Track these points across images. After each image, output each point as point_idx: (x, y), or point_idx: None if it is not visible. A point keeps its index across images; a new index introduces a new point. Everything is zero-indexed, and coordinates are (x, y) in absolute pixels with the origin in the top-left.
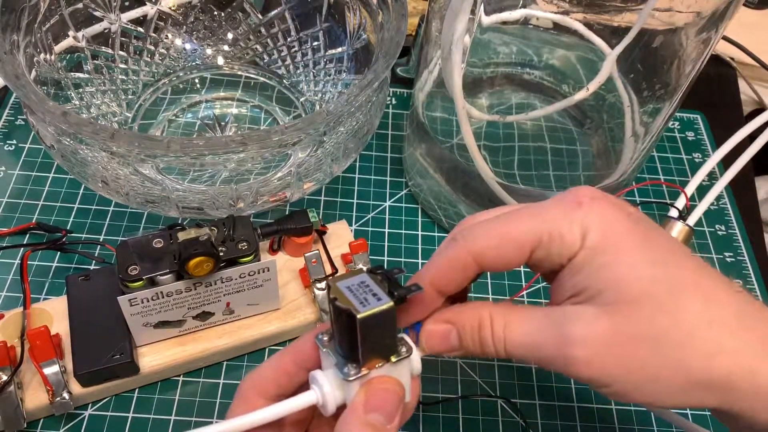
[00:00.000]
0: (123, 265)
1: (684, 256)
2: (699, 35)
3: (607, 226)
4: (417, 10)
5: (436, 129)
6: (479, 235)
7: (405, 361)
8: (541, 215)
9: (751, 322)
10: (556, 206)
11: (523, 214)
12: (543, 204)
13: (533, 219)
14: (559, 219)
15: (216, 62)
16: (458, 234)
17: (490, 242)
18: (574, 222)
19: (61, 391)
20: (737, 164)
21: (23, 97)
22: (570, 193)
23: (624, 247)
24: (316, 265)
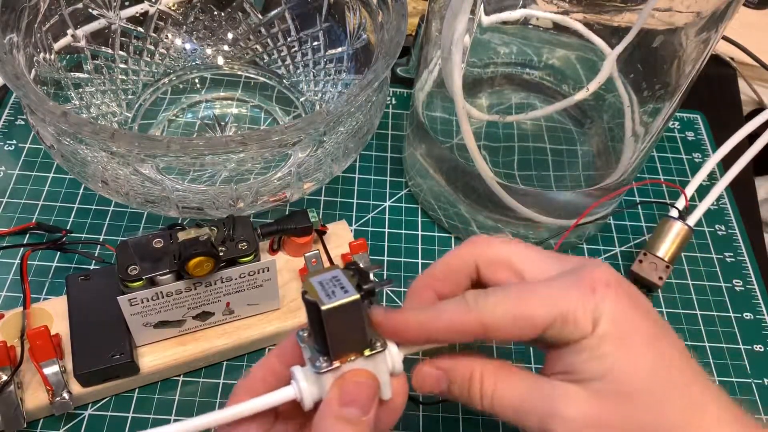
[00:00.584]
0: (123, 265)
1: (683, 359)
2: (699, 35)
3: (619, 316)
4: (417, 10)
5: (436, 129)
6: (494, 310)
7: (380, 356)
8: (557, 297)
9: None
10: (572, 288)
11: (542, 294)
12: (560, 283)
13: (550, 301)
14: (574, 303)
15: (216, 62)
16: (471, 298)
17: (505, 320)
18: (588, 308)
19: (61, 391)
20: (737, 165)
21: (23, 97)
22: (586, 275)
23: (630, 342)
24: (316, 265)
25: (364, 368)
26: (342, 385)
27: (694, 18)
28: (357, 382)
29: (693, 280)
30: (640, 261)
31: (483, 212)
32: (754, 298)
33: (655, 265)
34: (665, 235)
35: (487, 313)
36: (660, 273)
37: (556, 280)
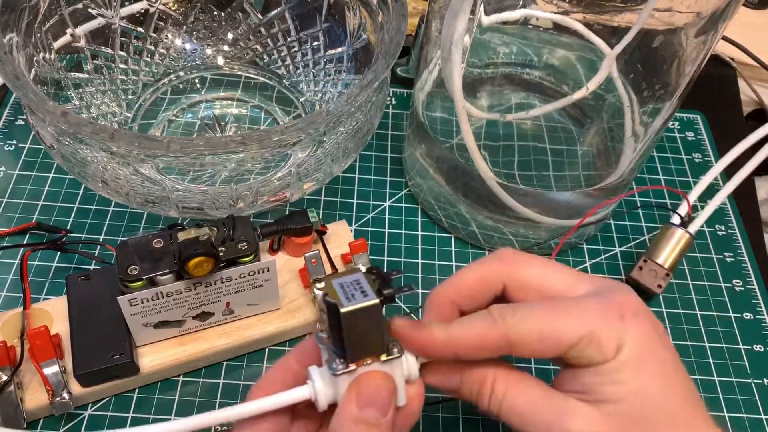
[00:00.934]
0: (123, 265)
1: (689, 390)
2: (699, 35)
3: (642, 345)
4: (417, 10)
5: (436, 129)
6: (520, 326)
7: (396, 362)
8: (586, 318)
9: None
10: (600, 311)
11: (571, 311)
12: (587, 303)
13: (578, 320)
14: (600, 326)
15: (216, 62)
16: (497, 313)
17: (531, 337)
18: (613, 333)
19: (60, 391)
20: (740, 174)
21: (23, 97)
22: (614, 299)
23: (648, 370)
24: (316, 265)
25: None
26: (360, 387)
27: (694, 18)
28: (376, 384)
29: (693, 280)
30: (640, 267)
31: (483, 212)
32: (754, 298)
33: (655, 272)
34: (666, 242)
35: (513, 328)
36: (659, 281)
37: (585, 301)
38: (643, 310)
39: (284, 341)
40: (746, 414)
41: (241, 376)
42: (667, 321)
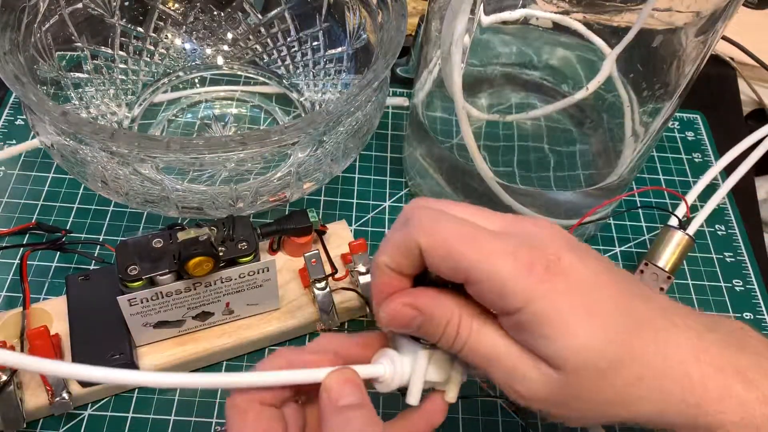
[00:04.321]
0: (123, 265)
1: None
2: (699, 35)
3: (554, 299)
4: (417, 10)
5: (436, 129)
6: (425, 234)
7: None
8: (489, 260)
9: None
10: (508, 260)
11: (475, 246)
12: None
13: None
14: (503, 277)
15: (216, 62)
16: (412, 219)
17: (436, 250)
18: (519, 287)
19: (60, 391)
20: (737, 172)
21: (23, 97)
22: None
23: (567, 321)
24: (316, 265)
25: None
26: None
27: (694, 18)
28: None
29: (693, 280)
30: (642, 271)
31: None
32: (754, 298)
33: (657, 275)
34: (666, 244)
35: (420, 236)
36: (661, 284)
37: (497, 240)
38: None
39: (284, 341)
40: None
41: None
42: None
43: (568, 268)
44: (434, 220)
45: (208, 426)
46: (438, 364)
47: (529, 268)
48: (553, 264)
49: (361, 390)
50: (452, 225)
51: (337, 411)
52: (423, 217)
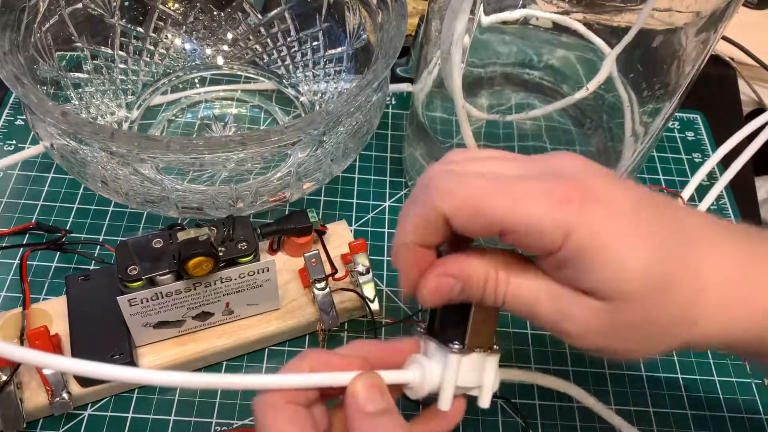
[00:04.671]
0: (122, 265)
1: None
2: (699, 35)
3: (595, 227)
4: (417, 10)
5: (436, 129)
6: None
7: (492, 358)
8: (522, 204)
9: None
10: (541, 198)
11: (503, 194)
12: (528, 186)
13: (513, 205)
14: (540, 216)
15: (216, 62)
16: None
17: (463, 211)
18: (556, 223)
19: (60, 391)
20: (735, 165)
21: (23, 97)
22: (561, 182)
23: (612, 246)
24: (316, 265)
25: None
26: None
27: (694, 18)
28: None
29: None
30: None
31: None
32: None
33: None
34: None
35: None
36: None
37: (524, 182)
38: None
39: (284, 341)
40: (746, 414)
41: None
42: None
43: (604, 195)
44: (453, 182)
45: (208, 426)
46: (469, 369)
47: (565, 202)
48: (589, 194)
49: (387, 395)
50: (474, 181)
51: (364, 417)
52: (440, 182)
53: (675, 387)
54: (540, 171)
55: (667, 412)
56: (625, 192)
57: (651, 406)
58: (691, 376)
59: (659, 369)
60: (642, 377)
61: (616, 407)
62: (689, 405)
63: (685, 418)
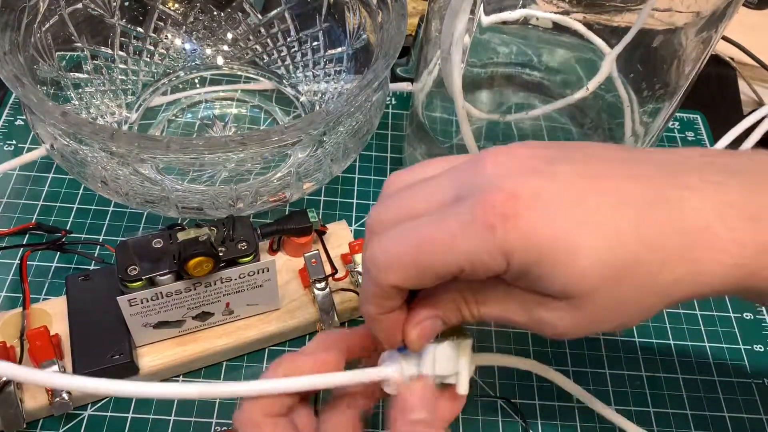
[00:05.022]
0: (122, 265)
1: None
2: (699, 35)
3: (531, 239)
4: (417, 10)
5: (436, 129)
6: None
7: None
8: (457, 247)
9: None
10: (470, 233)
11: (437, 244)
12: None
13: (450, 254)
14: (475, 250)
15: (216, 62)
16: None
17: (408, 277)
18: (493, 251)
19: (60, 391)
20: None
21: (23, 97)
22: (480, 206)
23: (555, 250)
24: (316, 265)
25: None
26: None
27: (694, 18)
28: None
29: None
30: None
31: None
32: None
33: None
34: None
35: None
36: None
37: (448, 221)
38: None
39: (284, 341)
40: (746, 414)
41: (241, 377)
42: (668, 321)
43: (531, 198)
44: (388, 250)
45: (208, 426)
46: (444, 358)
47: (491, 228)
48: (513, 206)
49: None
50: (407, 239)
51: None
52: (376, 253)
53: (675, 387)
54: (466, 188)
55: (667, 412)
56: (559, 177)
57: (651, 406)
58: (691, 376)
59: (659, 369)
60: (642, 377)
61: (616, 407)
62: (689, 405)
63: (685, 418)
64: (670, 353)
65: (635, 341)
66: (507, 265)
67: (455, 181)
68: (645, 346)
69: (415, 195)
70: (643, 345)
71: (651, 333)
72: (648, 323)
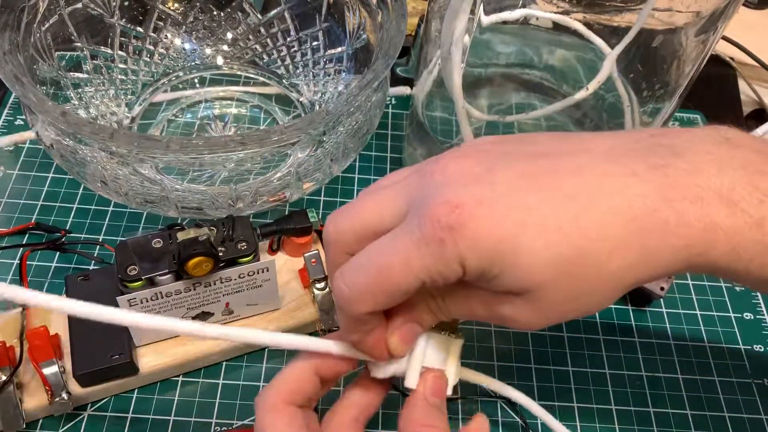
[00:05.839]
0: (122, 265)
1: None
2: (699, 35)
3: (479, 245)
4: (417, 10)
5: (436, 129)
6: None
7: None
8: (413, 264)
9: None
10: (422, 250)
11: (396, 266)
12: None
13: (408, 271)
14: (431, 264)
15: (215, 62)
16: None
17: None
18: (447, 262)
19: (60, 391)
20: None
21: (23, 97)
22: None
23: (503, 251)
24: (316, 265)
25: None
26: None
27: (694, 18)
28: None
29: (693, 281)
30: None
31: None
32: (755, 298)
33: None
34: None
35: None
36: (662, 283)
37: (401, 241)
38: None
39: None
40: (746, 414)
41: (241, 377)
42: (668, 321)
43: (474, 206)
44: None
45: (208, 426)
46: (435, 349)
47: (440, 243)
48: (456, 217)
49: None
50: (366, 271)
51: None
52: (342, 289)
53: (675, 387)
54: (414, 200)
55: (667, 412)
56: (493, 182)
57: (651, 406)
58: (691, 376)
59: (659, 369)
60: (642, 377)
61: (617, 407)
62: (689, 405)
63: (685, 418)
64: (670, 353)
65: (635, 341)
66: (463, 271)
67: (404, 192)
68: (645, 346)
69: (368, 206)
70: (643, 345)
71: (651, 333)
72: (648, 323)
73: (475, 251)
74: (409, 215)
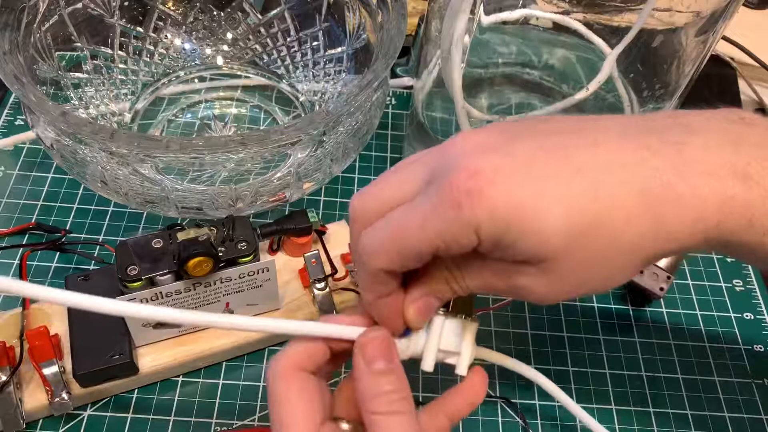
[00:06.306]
0: (122, 265)
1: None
2: (699, 35)
3: (496, 212)
4: (417, 10)
5: (436, 129)
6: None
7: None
8: (429, 227)
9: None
10: (440, 213)
11: (412, 226)
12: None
13: (424, 233)
14: (446, 228)
15: (215, 62)
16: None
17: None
18: (463, 227)
19: (60, 391)
20: None
21: (23, 97)
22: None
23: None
24: (316, 265)
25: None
26: (362, 349)
27: (694, 18)
28: (372, 339)
29: (693, 281)
30: (641, 271)
31: None
32: (754, 298)
33: (657, 275)
34: None
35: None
36: (661, 284)
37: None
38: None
39: (284, 341)
40: (746, 414)
41: (241, 377)
42: (668, 321)
43: (492, 173)
44: (374, 238)
45: (208, 426)
46: (451, 333)
47: (457, 207)
48: (474, 182)
49: (394, 352)
50: (385, 229)
51: (370, 374)
52: (365, 243)
53: (675, 387)
54: (435, 172)
55: (667, 412)
56: (511, 154)
57: (651, 406)
58: (691, 376)
59: (659, 369)
60: (642, 377)
61: (617, 407)
62: (689, 405)
63: (685, 418)
64: (670, 353)
65: (635, 341)
66: (478, 239)
67: (426, 167)
68: (645, 346)
69: (392, 181)
70: (643, 345)
71: (651, 333)
72: (648, 323)
73: (491, 217)
74: (429, 184)
